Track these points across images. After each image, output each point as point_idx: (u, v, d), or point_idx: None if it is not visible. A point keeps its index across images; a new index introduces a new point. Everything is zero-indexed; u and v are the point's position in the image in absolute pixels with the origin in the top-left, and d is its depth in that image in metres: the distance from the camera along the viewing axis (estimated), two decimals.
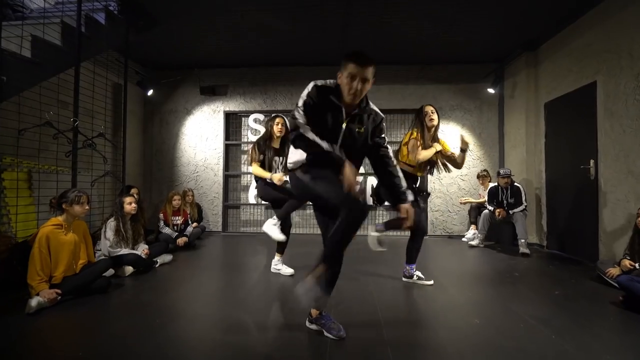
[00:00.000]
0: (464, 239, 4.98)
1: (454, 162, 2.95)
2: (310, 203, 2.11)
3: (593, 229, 3.64)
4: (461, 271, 3.42)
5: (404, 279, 2.92)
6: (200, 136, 5.81)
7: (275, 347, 1.78)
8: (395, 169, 1.82)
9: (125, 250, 3.12)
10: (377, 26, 4.17)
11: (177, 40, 4.70)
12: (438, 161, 2.94)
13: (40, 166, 3.30)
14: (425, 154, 2.77)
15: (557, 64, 4.30)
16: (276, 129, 3.10)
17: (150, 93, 5.51)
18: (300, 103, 1.69)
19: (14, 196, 2.98)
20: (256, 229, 5.68)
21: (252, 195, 5.59)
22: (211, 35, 4.55)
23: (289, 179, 1.98)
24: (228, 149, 5.80)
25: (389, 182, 1.82)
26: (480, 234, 4.55)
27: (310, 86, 1.71)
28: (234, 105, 5.80)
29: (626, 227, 3.18)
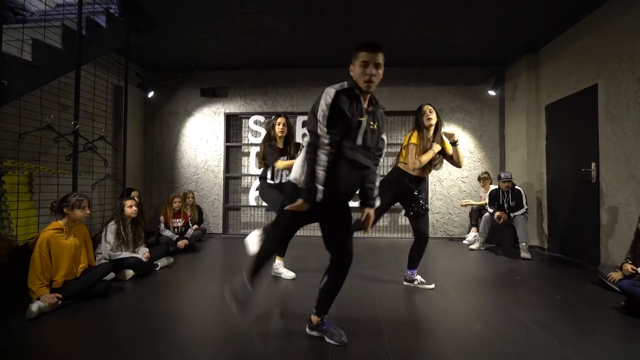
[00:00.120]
0: (464, 242, 4.98)
1: (454, 162, 2.89)
2: None
3: (594, 232, 3.63)
4: (462, 274, 3.42)
5: (404, 282, 2.92)
6: (201, 138, 5.81)
7: (276, 353, 1.78)
8: (375, 176, 1.87)
9: (126, 254, 3.12)
10: (378, 27, 4.15)
11: (178, 42, 4.70)
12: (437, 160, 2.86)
13: (41, 168, 3.30)
14: (423, 160, 2.73)
15: (558, 66, 4.29)
16: (278, 129, 3.07)
17: (150, 95, 5.51)
18: (321, 116, 1.59)
19: (14, 200, 2.98)
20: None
21: (253, 197, 5.59)
22: (211, 37, 4.55)
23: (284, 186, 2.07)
24: (229, 150, 5.80)
25: (365, 184, 1.86)
26: (481, 237, 4.55)
27: (331, 93, 1.59)
28: (234, 107, 5.80)
29: (627, 231, 3.18)
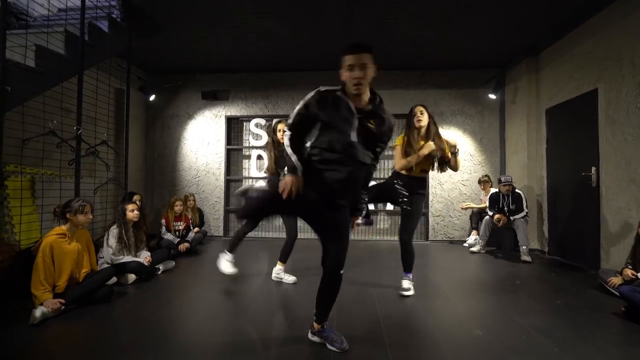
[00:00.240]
0: (465, 245, 4.99)
1: (451, 167, 2.83)
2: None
3: (594, 236, 3.64)
4: (463, 278, 3.43)
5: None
6: (202, 141, 5.83)
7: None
8: (366, 185, 1.93)
9: (128, 258, 3.13)
10: (379, 30, 4.15)
11: (179, 46, 4.72)
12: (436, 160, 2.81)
13: (44, 172, 3.31)
14: (403, 164, 2.69)
15: (558, 70, 4.30)
16: (279, 136, 3.10)
17: (152, 98, 5.53)
18: (301, 105, 1.73)
19: (17, 205, 2.99)
20: (257, 233, 5.69)
21: None
22: (212, 41, 4.56)
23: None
24: (229, 153, 5.82)
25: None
26: (481, 240, 4.55)
27: (313, 92, 1.74)
28: (235, 110, 5.81)
29: (627, 235, 3.19)
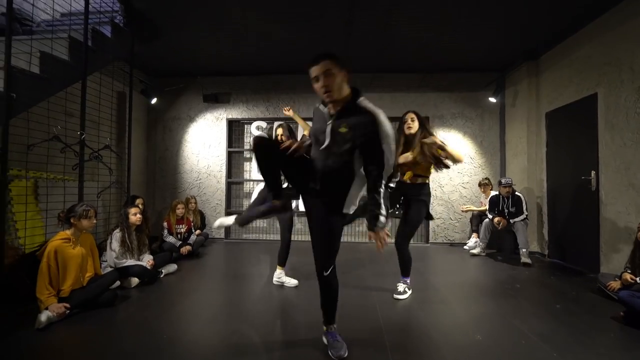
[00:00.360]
0: (465, 247, 5.01)
1: (454, 160, 2.72)
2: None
3: (594, 239, 3.66)
4: (463, 281, 3.45)
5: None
6: (203, 143, 5.85)
7: None
8: (373, 193, 1.66)
9: (131, 262, 3.16)
10: (379, 32, 4.17)
11: (180, 49, 4.74)
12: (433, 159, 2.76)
13: (47, 175, 3.34)
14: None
15: (558, 74, 4.33)
16: (278, 140, 3.12)
17: (153, 101, 5.55)
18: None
19: (22, 210, 3.01)
20: (258, 235, 5.72)
21: None
22: (213, 44, 4.58)
23: None
24: (231, 156, 5.85)
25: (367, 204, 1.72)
26: (481, 243, 4.58)
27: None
28: (236, 113, 5.84)
29: (627, 239, 3.21)
